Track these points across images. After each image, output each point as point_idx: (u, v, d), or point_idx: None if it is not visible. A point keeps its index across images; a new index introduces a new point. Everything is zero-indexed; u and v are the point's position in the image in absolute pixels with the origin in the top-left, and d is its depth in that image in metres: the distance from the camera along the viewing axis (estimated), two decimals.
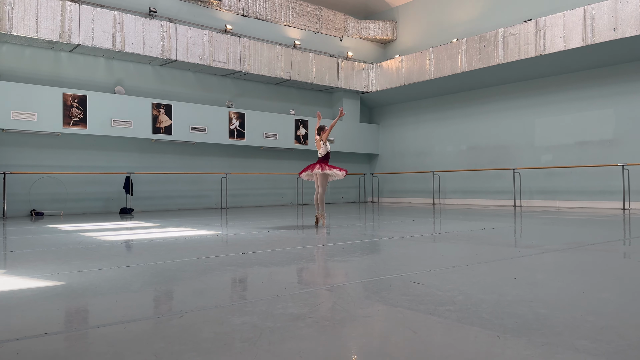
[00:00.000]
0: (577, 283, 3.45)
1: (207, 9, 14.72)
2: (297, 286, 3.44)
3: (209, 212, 12.84)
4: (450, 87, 16.01)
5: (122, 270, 4.06)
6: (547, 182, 14.02)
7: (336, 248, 5.37)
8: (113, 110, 12.54)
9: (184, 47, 13.44)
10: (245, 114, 15.02)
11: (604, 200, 12.85)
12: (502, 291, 3.16)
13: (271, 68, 15.29)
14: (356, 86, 17.51)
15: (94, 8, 12.09)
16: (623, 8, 11.39)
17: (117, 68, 13.30)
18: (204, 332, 2.33)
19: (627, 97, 12.56)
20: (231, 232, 7.32)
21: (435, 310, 2.70)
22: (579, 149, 13.39)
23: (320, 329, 2.38)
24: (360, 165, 18.89)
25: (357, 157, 18.74)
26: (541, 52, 12.85)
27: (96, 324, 2.57)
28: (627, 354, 2.00)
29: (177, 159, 14.26)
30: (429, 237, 6.48)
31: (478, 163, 15.65)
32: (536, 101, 14.39)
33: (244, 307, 2.81)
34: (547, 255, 4.72)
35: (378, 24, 18.51)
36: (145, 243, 6.04)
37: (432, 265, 4.22)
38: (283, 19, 16.30)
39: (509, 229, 7.56)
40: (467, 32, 15.89)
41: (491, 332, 2.30)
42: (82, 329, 2.47)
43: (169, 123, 13.41)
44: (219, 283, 3.62)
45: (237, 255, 4.88)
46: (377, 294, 3.19)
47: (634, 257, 4.83)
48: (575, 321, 2.46)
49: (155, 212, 13.00)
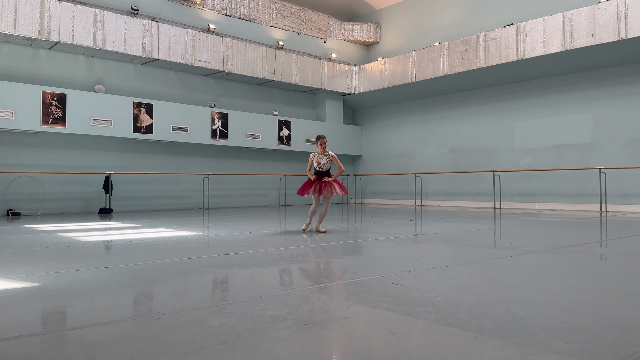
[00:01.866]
0: (554, 284, 3.50)
1: (190, 8, 14.61)
2: (277, 288, 3.43)
3: (190, 212, 12.74)
4: (432, 90, 16.14)
5: (100, 272, 4.00)
6: (527, 184, 14.21)
7: (317, 249, 5.36)
8: (93, 108, 12.37)
9: (166, 46, 13.32)
10: (228, 114, 14.94)
11: (582, 202, 13.07)
12: (480, 292, 3.19)
13: (254, 68, 15.24)
14: (339, 88, 17.55)
15: (74, 5, 11.91)
16: (601, 14, 11.61)
17: (97, 66, 13.12)
18: (181, 334, 2.31)
19: (605, 101, 12.80)
20: (212, 233, 7.27)
21: (414, 312, 2.72)
22: (557, 152, 13.61)
23: (299, 330, 2.37)
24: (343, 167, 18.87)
25: (340, 159, 18.75)
26: (521, 57, 13.03)
27: (71, 326, 2.53)
28: (600, 354, 2.04)
29: (158, 158, 14.12)
30: (410, 238, 6.52)
31: (459, 165, 15.80)
32: (516, 105, 14.58)
33: (223, 309, 2.79)
34: (525, 257, 4.78)
35: (362, 26, 18.58)
36: (124, 244, 5.96)
37: (412, 266, 4.25)
38: (267, 19, 16.26)
39: (488, 231, 7.64)
40: (449, 36, 16.04)
41: (468, 333, 2.32)
42: (57, 331, 2.42)
43: (150, 122, 13.27)
44: (198, 285, 3.59)
45: (217, 256, 4.84)
46: (357, 295, 3.20)
47: (610, 259, 4.92)
48: (550, 322, 2.49)
49: (135, 212, 12.85)
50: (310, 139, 16.97)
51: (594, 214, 11.30)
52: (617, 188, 12.43)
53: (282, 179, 16.66)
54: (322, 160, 7.48)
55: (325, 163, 7.48)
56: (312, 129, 17.10)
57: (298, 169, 17.40)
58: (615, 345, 2.14)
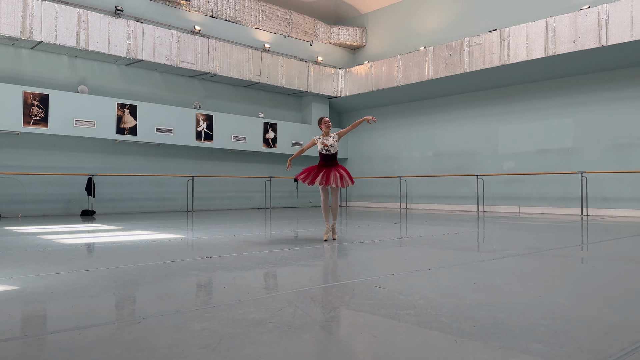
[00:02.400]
0: (534, 287, 3.54)
1: (175, 9, 14.53)
2: (261, 291, 3.42)
3: (174, 215, 12.65)
4: (417, 94, 16.25)
5: (80, 275, 3.95)
6: (509, 188, 14.37)
7: (302, 252, 5.36)
8: (76, 109, 12.22)
9: (150, 47, 13.22)
10: (213, 116, 14.87)
11: (563, 206, 13.25)
12: (462, 295, 3.22)
13: (240, 70, 15.20)
14: (325, 91, 17.58)
15: (58, 5, 11.78)
16: (582, 21, 11.80)
17: (80, 67, 12.98)
18: (162, 338, 2.29)
19: (586, 107, 13.01)
20: (196, 236, 7.23)
21: (396, 315, 2.73)
22: (539, 157, 13.78)
23: (281, 334, 2.37)
24: None
25: None
26: (505, 62, 13.19)
27: (50, 330, 2.49)
28: (578, 356, 2.07)
29: (142, 160, 14.00)
30: (394, 241, 6.55)
31: (443, 169, 15.92)
32: (499, 109, 14.75)
33: (205, 312, 2.77)
34: (507, 260, 4.83)
35: (348, 29, 18.65)
36: (106, 246, 5.90)
37: (396, 269, 4.27)
38: (253, 21, 16.24)
39: (471, 234, 7.70)
40: (434, 41, 16.18)
41: (449, 336, 2.34)
42: (35, 335, 2.39)
43: (134, 124, 13.16)
44: (180, 288, 3.56)
45: (200, 259, 4.81)
46: (340, 298, 3.21)
47: (590, 263, 5.00)
48: (530, 325, 2.52)
49: (118, 214, 12.72)
50: (296, 141, 16.96)
51: (575, 218, 11.46)
52: (598, 192, 12.63)
53: (267, 182, 16.63)
54: (329, 141, 6.47)
55: (333, 144, 6.46)
56: (298, 131, 17.11)
57: (284, 171, 17.38)
58: (593, 348, 2.17)
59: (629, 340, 2.27)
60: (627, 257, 5.22)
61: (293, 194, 17.63)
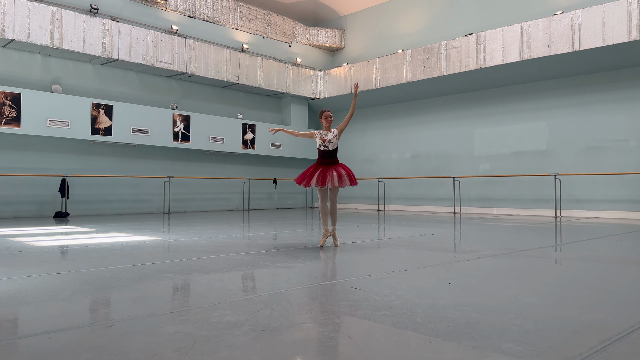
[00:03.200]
0: (508, 288, 3.59)
1: (152, 8, 14.36)
2: (237, 293, 3.40)
3: (150, 217, 12.49)
4: (395, 96, 16.37)
5: (52, 278, 3.87)
6: (485, 190, 14.57)
7: (279, 254, 5.34)
8: (49, 109, 11.97)
9: (126, 47, 13.04)
10: (191, 116, 14.73)
11: (538, 208, 13.49)
12: (437, 296, 3.25)
13: (218, 71, 15.10)
14: (304, 92, 17.58)
15: (31, 2, 11.53)
16: (556, 26, 12.05)
17: (54, 65, 12.73)
18: (135, 342, 2.26)
19: (560, 110, 13.28)
20: (172, 238, 7.15)
21: (372, 316, 2.74)
22: (514, 159, 14.01)
23: (257, 336, 2.35)
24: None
25: (304, 163, 18.76)
26: (481, 65, 13.37)
27: (19, 335, 2.43)
28: (548, 355, 2.10)
29: (117, 161, 13.79)
30: (372, 243, 6.58)
31: (421, 171, 16.07)
32: (476, 112, 14.95)
33: (179, 315, 2.74)
34: (482, 261, 4.89)
35: (327, 31, 18.69)
36: (79, 249, 5.79)
37: (372, 270, 4.29)
38: (231, 21, 16.15)
39: (448, 235, 7.79)
40: (412, 44, 16.33)
41: (424, 336, 2.36)
42: (4, 340, 2.33)
43: (109, 124, 12.95)
44: (154, 291, 3.52)
45: (176, 262, 4.76)
46: (316, 300, 3.21)
47: (563, 263, 5.09)
48: (503, 325, 2.56)
49: (93, 216, 12.50)
50: (275, 143, 16.92)
51: (549, 219, 11.68)
52: (571, 194, 12.89)
53: (246, 183, 16.54)
54: (327, 136, 6.01)
55: (332, 139, 5.99)
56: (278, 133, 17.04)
57: (262, 173, 17.32)
58: (563, 347, 2.21)
59: (598, 339, 2.32)
60: (598, 257, 5.34)
61: (272, 196, 17.58)
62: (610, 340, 2.29)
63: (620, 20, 11.10)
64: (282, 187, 17.82)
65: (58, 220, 10.95)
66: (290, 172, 18.17)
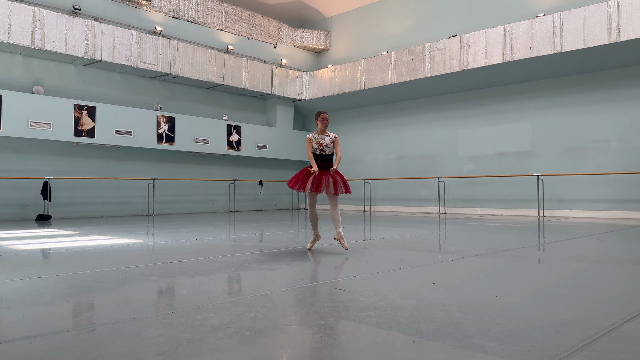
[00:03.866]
0: (491, 287, 3.62)
1: (136, 9, 14.24)
2: (221, 296, 3.38)
3: (134, 219, 12.37)
4: (380, 97, 16.44)
5: (34, 282, 3.81)
6: (469, 190, 14.70)
7: (265, 256, 5.33)
8: (31, 111, 11.80)
9: (109, 47, 12.91)
10: (175, 117, 14.63)
11: (521, 208, 13.64)
12: (421, 296, 3.27)
13: (203, 72, 15.02)
14: (290, 93, 17.57)
15: (11, 2, 11.36)
16: (538, 28, 12.20)
17: (36, 66, 12.55)
18: (117, 346, 2.23)
19: (542, 111, 13.45)
20: (156, 241, 7.09)
21: (357, 317, 2.75)
22: (498, 160, 14.16)
23: (241, 339, 2.35)
24: (293, 173, 18.91)
25: (290, 164, 18.76)
26: (465, 67, 13.49)
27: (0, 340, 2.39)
28: (531, 354, 2.13)
29: (101, 163, 13.63)
30: (358, 244, 6.59)
31: (406, 171, 16.15)
32: (460, 113, 15.07)
33: (162, 319, 2.72)
34: (466, 261, 4.93)
35: (312, 33, 18.70)
36: (62, 252, 5.71)
37: (358, 271, 4.29)
38: (216, 22, 16.08)
39: (432, 236, 7.84)
40: (397, 45, 16.41)
41: (408, 337, 2.37)
42: None
43: (92, 125, 12.81)
44: (137, 294, 3.48)
45: (160, 264, 4.72)
46: (302, 301, 3.20)
47: (545, 262, 5.15)
48: (486, 324, 2.58)
49: (76, 219, 12.34)
50: (260, 144, 16.88)
51: (532, 219, 11.81)
52: (553, 194, 13.05)
53: (231, 185, 16.47)
54: (324, 141, 5.78)
55: (328, 144, 5.78)
56: (262, 134, 17.03)
57: (248, 174, 17.26)
58: (545, 346, 2.24)
59: (579, 337, 2.35)
60: (580, 257, 5.42)
61: (257, 197, 17.52)
62: (591, 339, 2.33)
63: (600, 23, 11.28)
64: (268, 189, 17.78)
65: (40, 223, 10.79)
66: (276, 174, 18.15)
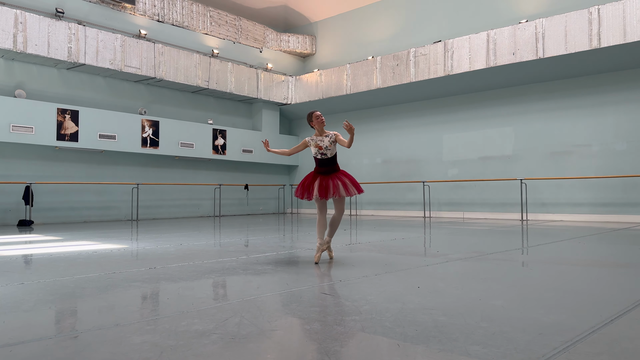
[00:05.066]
0: (475, 290, 3.65)
1: (120, 12, 14.14)
2: (206, 301, 3.36)
3: (117, 224, 12.24)
4: (366, 102, 16.51)
5: (14, 288, 3.75)
6: (454, 194, 14.81)
7: (250, 260, 5.31)
8: (12, 114, 11.64)
9: (93, 51, 12.79)
10: (160, 121, 14.53)
11: (505, 211, 13.78)
12: (406, 299, 3.29)
13: (188, 76, 14.95)
14: (276, 98, 17.57)
15: None
16: (521, 34, 12.38)
17: (18, 70, 12.39)
18: (99, 353, 2.21)
19: (525, 116, 13.62)
20: (140, 246, 7.02)
21: (342, 321, 2.75)
22: (482, 164, 14.30)
23: (225, 345, 2.34)
24: (279, 177, 18.90)
25: (276, 169, 18.74)
26: (449, 72, 13.62)
27: None
28: (514, 357, 2.15)
29: (84, 167, 13.48)
30: (344, 248, 6.60)
31: (391, 176, 16.23)
32: (444, 118, 15.20)
33: (146, 325, 2.69)
34: (450, 264, 4.97)
35: (297, 37, 18.74)
36: (44, 258, 5.63)
37: (343, 276, 4.30)
38: (201, 26, 16.04)
39: (417, 239, 7.88)
40: (382, 51, 16.52)
41: (392, 341, 2.38)
42: None
43: (75, 130, 12.67)
44: (121, 300, 3.45)
45: (143, 270, 4.68)
46: (287, 306, 3.20)
47: (528, 266, 5.21)
48: (469, 327, 2.60)
49: (58, 224, 12.18)
50: (246, 148, 16.84)
51: (516, 222, 11.94)
52: (536, 198, 13.22)
53: (216, 189, 16.39)
54: (323, 143, 5.26)
55: (329, 146, 5.25)
56: (248, 138, 17.00)
57: (233, 178, 17.20)
58: (527, 348, 2.26)
59: (560, 340, 2.38)
60: (563, 260, 5.49)
61: (243, 202, 17.46)
62: (572, 341, 2.36)
63: (581, 29, 11.48)
64: (254, 193, 17.73)
65: (22, 229, 10.63)
66: (262, 178, 18.11)
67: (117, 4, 13.96)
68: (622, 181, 12.04)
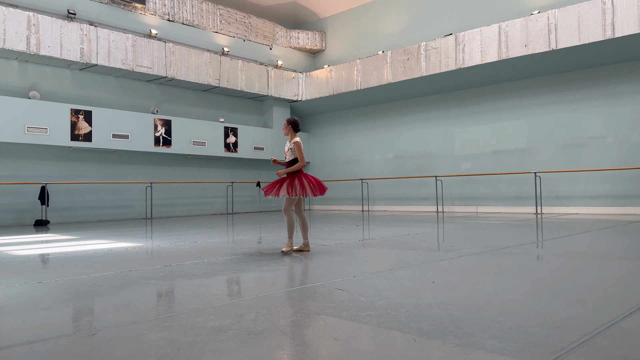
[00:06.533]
0: (491, 285, 3.63)
1: (131, 12, 14.23)
2: (221, 298, 3.38)
3: (132, 223, 12.35)
4: (377, 97, 16.45)
5: (33, 287, 3.81)
6: (467, 188, 14.72)
7: (264, 257, 5.33)
8: (27, 116, 11.78)
9: (105, 51, 12.89)
10: (172, 120, 14.62)
11: (519, 205, 13.67)
12: (421, 295, 3.28)
13: (199, 74, 15.01)
14: (286, 94, 17.57)
15: (6, 8, 11.34)
16: (533, 26, 12.23)
17: (31, 72, 12.53)
18: (118, 349, 2.23)
19: (539, 108, 13.48)
20: (154, 244, 7.08)
21: (357, 316, 2.75)
22: (495, 158, 14.18)
23: (242, 341, 2.35)
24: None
25: None
26: (460, 66, 13.51)
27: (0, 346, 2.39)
28: (531, 351, 2.14)
29: (98, 167, 13.61)
30: (357, 243, 6.60)
31: (403, 171, 16.17)
32: (456, 112, 15.10)
33: (163, 322, 2.72)
34: (465, 259, 4.94)
35: (307, 34, 18.71)
36: (61, 257, 5.70)
37: (357, 271, 4.30)
38: (211, 25, 16.08)
39: (431, 234, 7.85)
40: (392, 45, 16.43)
41: (408, 336, 2.38)
42: None
43: (89, 130, 12.79)
44: (137, 298, 3.48)
45: (159, 267, 4.72)
46: (302, 302, 3.21)
47: (544, 259, 5.17)
48: (486, 322, 2.59)
49: (74, 223, 12.32)
50: (257, 145, 16.89)
51: (530, 216, 11.84)
52: (551, 191, 13.08)
53: (229, 187, 16.46)
54: (285, 147, 5.97)
55: (286, 151, 5.89)
56: (259, 135, 17.03)
57: (245, 176, 17.25)
58: (545, 342, 2.25)
59: (578, 334, 2.36)
60: (579, 253, 5.43)
61: (255, 199, 17.52)
62: (590, 335, 2.34)
63: (595, 19, 11.32)
64: None
65: (38, 229, 10.77)
66: (274, 175, 18.13)
67: (127, 4, 14.04)
68: (638, 173, 11.87)
